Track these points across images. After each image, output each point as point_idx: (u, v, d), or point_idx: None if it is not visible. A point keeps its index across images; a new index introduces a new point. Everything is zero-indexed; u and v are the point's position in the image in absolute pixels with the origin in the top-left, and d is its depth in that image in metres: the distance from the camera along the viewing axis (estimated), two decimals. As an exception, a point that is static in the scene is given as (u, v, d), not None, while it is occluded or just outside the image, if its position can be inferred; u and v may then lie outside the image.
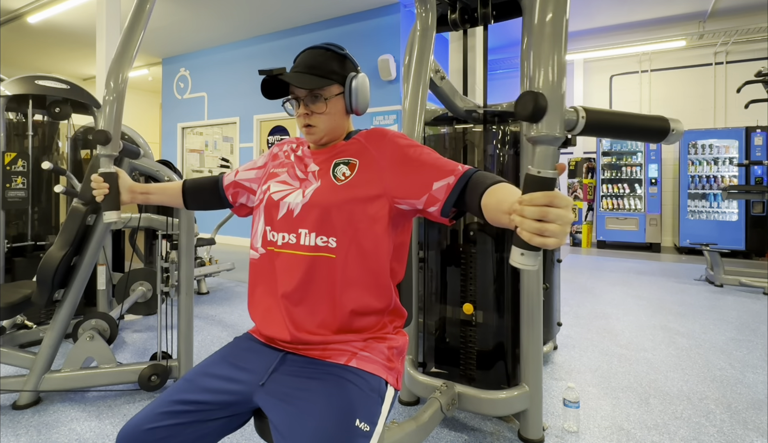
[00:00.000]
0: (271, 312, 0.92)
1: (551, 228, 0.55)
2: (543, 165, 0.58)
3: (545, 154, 0.58)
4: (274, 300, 0.92)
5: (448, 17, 1.86)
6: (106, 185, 1.14)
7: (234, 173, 1.15)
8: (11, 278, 2.70)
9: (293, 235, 0.91)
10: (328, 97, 0.95)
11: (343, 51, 0.99)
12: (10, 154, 2.61)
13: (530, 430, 1.64)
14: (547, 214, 0.55)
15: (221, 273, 4.46)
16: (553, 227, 0.55)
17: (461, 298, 1.84)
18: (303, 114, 0.96)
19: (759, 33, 6.32)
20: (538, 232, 0.55)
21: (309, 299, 0.89)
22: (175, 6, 6.14)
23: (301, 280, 0.89)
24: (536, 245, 0.56)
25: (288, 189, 0.96)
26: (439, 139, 1.99)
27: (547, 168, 0.58)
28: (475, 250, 1.82)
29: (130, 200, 1.18)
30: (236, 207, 1.16)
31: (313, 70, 0.94)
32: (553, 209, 0.55)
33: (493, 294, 1.81)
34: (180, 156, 8.27)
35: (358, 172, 0.92)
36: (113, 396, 1.99)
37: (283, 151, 1.08)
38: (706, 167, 6.45)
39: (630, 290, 4.11)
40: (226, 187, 1.14)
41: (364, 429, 0.78)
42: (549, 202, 0.55)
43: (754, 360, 2.45)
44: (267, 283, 0.94)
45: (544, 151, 0.58)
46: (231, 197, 1.15)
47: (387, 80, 5.91)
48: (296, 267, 0.89)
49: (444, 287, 1.90)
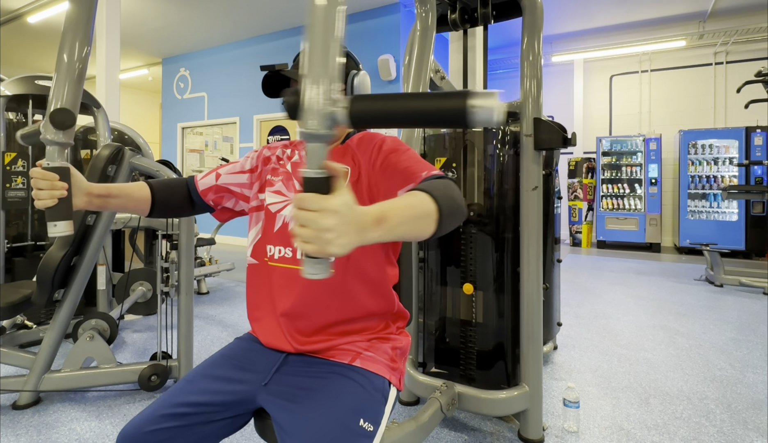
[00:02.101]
0: (271, 327, 0.92)
1: (303, 233, 0.50)
2: (310, 163, 0.54)
3: (311, 152, 0.54)
4: (273, 317, 0.92)
5: (448, 17, 1.86)
6: (62, 185, 0.81)
7: (214, 176, 1.05)
8: (11, 278, 2.70)
9: (289, 249, 0.90)
10: None
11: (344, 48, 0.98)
12: (10, 154, 2.61)
13: (530, 430, 1.64)
14: (297, 216, 0.51)
15: (221, 273, 4.46)
16: (304, 232, 0.50)
17: (461, 279, 1.84)
18: None
19: (759, 33, 6.32)
20: (297, 236, 0.51)
21: (309, 313, 0.88)
22: (175, 6, 6.14)
23: (299, 295, 0.88)
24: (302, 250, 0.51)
25: (284, 200, 0.95)
26: (439, 139, 1.99)
27: (314, 166, 0.53)
28: (475, 251, 1.82)
29: (85, 205, 0.90)
30: (218, 210, 1.08)
31: None
32: (302, 212, 0.50)
33: (493, 294, 1.81)
34: (180, 156, 8.27)
35: (350, 180, 0.91)
36: (113, 396, 1.99)
37: (275, 155, 1.04)
38: (706, 167, 6.45)
39: (630, 290, 4.11)
40: (203, 191, 1.05)
41: (368, 429, 0.78)
42: (298, 203, 0.51)
43: (754, 360, 2.45)
44: (265, 297, 0.94)
45: (310, 148, 0.54)
46: (212, 202, 1.06)
47: (387, 80, 5.91)
48: (294, 282, 0.89)
49: (444, 287, 1.90)
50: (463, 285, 1.82)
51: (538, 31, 1.68)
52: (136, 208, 1.00)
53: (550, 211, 2.29)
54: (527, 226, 1.66)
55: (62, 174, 0.82)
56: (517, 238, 1.72)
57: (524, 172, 1.66)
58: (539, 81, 1.66)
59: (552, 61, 7.71)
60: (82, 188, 0.89)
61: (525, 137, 1.66)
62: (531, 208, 1.65)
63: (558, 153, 2.35)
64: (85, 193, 0.89)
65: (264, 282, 0.94)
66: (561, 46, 7.63)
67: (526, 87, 1.68)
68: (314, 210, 0.50)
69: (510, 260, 1.79)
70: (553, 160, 2.18)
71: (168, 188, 1.03)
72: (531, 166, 1.64)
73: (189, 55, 8.16)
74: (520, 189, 1.67)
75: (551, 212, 2.31)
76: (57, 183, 0.81)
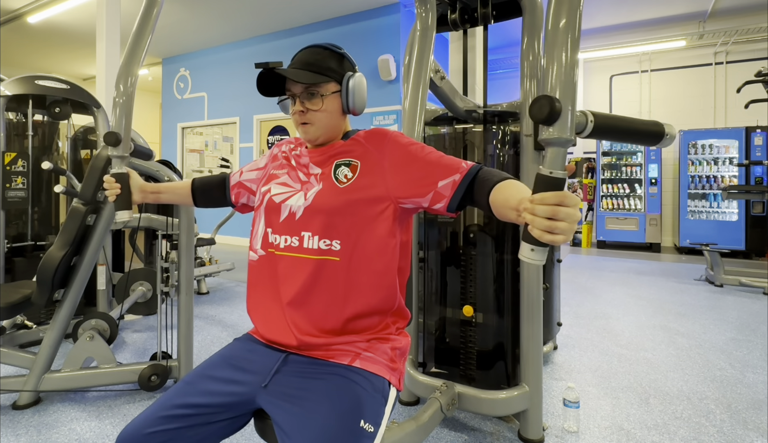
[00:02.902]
0: (274, 317, 0.92)
1: (561, 226, 0.58)
2: (554, 165, 0.60)
3: (556, 156, 0.60)
4: (277, 305, 0.92)
5: (448, 17, 1.86)
6: (117, 185, 1.17)
7: (239, 173, 1.16)
8: (11, 278, 2.70)
9: (296, 238, 0.91)
10: (324, 94, 0.93)
11: (340, 50, 0.98)
12: (10, 154, 2.61)
13: (530, 430, 1.64)
14: (557, 212, 0.58)
15: (221, 273, 4.46)
16: (562, 225, 0.58)
17: (461, 300, 1.84)
18: (298, 111, 0.95)
19: (759, 33, 6.32)
20: (548, 230, 0.58)
21: (313, 303, 0.89)
22: (175, 6, 6.14)
23: (304, 284, 0.88)
24: (546, 242, 0.59)
25: (289, 191, 0.96)
26: (439, 139, 1.99)
27: (558, 168, 0.60)
28: (475, 252, 1.82)
29: (141, 200, 1.21)
30: (239, 206, 1.19)
31: (310, 67, 0.93)
32: (563, 208, 0.58)
33: (493, 295, 1.81)
34: (180, 156, 8.27)
35: (360, 173, 0.91)
36: (113, 396, 1.99)
37: (281, 151, 1.07)
38: (706, 167, 6.45)
39: (630, 290, 4.11)
40: (232, 187, 1.17)
41: (369, 429, 0.78)
42: (559, 201, 0.58)
43: (754, 360, 2.45)
44: (268, 287, 0.94)
45: (555, 152, 0.60)
46: (234, 197, 1.17)
47: (387, 80, 5.91)
48: (300, 270, 0.89)
49: (444, 287, 1.90)
50: (462, 307, 1.82)
51: (538, 31, 1.68)
52: (182, 200, 1.25)
53: (550, 211, 2.29)
54: (527, 226, 1.65)
55: (119, 178, 1.18)
56: (517, 239, 1.72)
57: (524, 172, 1.66)
58: (539, 81, 1.66)
59: (552, 61, 7.70)
60: (138, 186, 1.20)
61: (525, 137, 1.66)
62: (531, 208, 1.64)
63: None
64: (140, 191, 1.21)
65: (269, 273, 0.94)
66: (561, 46, 7.61)
67: (526, 87, 1.67)
68: (574, 206, 0.58)
69: (510, 260, 1.79)
70: (553, 160, 2.18)
71: (204, 185, 1.23)
72: (531, 166, 1.64)
73: (189, 55, 8.15)
74: (520, 189, 1.67)
75: (551, 212, 2.30)
76: (114, 184, 1.17)
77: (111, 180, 1.17)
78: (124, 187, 1.17)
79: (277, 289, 0.92)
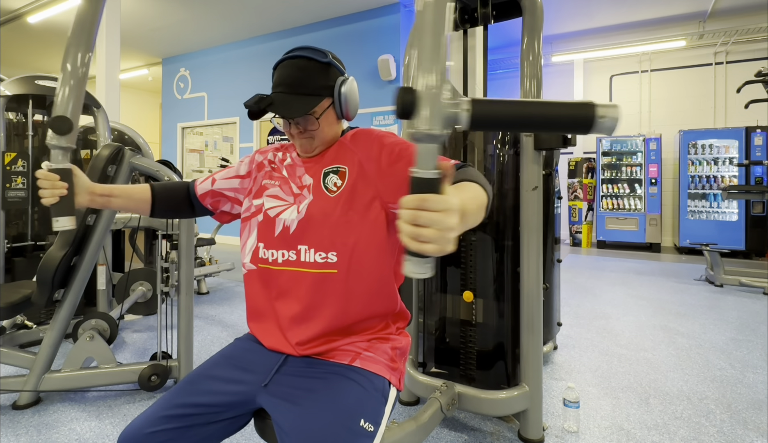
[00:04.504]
0: (272, 333, 0.92)
1: (425, 234, 0.49)
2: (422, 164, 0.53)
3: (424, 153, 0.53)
4: (275, 322, 0.92)
5: (448, 17, 1.86)
6: (62, 185, 0.91)
7: (210, 181, 1.08)
8: (11, 278, 2.70)
9: (293, 252, 0.90)
10: (319, 113, 0.91)
11: (326, 58, 0.92)
12: (10, 154, 2.61)
13: (530, 430, 1.64)
14: (418, 217, 0.50)
15: (221, 273, 4.46)
16: (427, 232, 0.49)
17: (461, 286, 1.84)
18: (297, 134, 0.93)
19: (759, 33, 6.32)
20: (413, 237, 0.50)
21: (314, 316, 0.88)
22: (175, 6, 6.14)
23: (304, 298, 0.88)
24: (415, 251, 0.51)
25: (283, 204, 0.94)
26: (439, 139, 1.98)
27: (427, 167, 0.53)
28: (475, 253, 1.82)
29: (87, 203, 0.98)
30: (217, 214, 1.11)
31: (300, 89, 0.89)
32: (424, 213, 0.49)
33: (493, 295, 1.81)
34: (180, 156, 8.27)
35: (349, 179, 0.90)
36: (113, 396, 1.99)
37: (266, 159, 1.03)
38: (706, 167, 6.45)
39: (630, 290, 4.11)
40: (201, 195, 1.08)
41: (369, 429, 0.78)
42: (419, 204, 0.50)
43: (754, 360, 2.45)
44: (266, 303, 0.93)
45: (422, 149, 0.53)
46: (210, 205, 1.09)
47: (387, 80, 5.90)
48: (300, 285, 0.89)
49: (444, 287, 1.90)
50: (462, 292, 1.82)
51: (538, 31, 1.68)
52: (137, 208, 1.06)
53: (550, 211, 2.29)
54: (527, 226, 1.66)
55: (63, 174, 0.92)
56: (517, 238, 1.72)
57: (524, 172, 1.66)
58: (539, 81, 1.66)
59: (552, 61, 7.71)
60: (85, 187, 0.97)
61: (525, 137, 1.66)
62: (531, 208, 1.65)
63: (558, 153, 2.35)
64: (88, 192, 0.97)
65: (266, 287, 0.93)
66: (561, 46, 7.63)
67: (526, 87, 1.67)
68: (439, 210, 0.49)
69: (510, 260, 1.79)
70: (553, 160, 2.18)
71: (168, 191, 1.08)
72: (531, 166, 1.64)
73: (189, 55, 8.16)
74: (520, 189, 1.67)
75: (551, 212, 2.31)
76: (58, 182, 0.90)
77: (52, 177, 0.90)
78: (69, 187, 0.92)
79: (275, 305, 0.92)
